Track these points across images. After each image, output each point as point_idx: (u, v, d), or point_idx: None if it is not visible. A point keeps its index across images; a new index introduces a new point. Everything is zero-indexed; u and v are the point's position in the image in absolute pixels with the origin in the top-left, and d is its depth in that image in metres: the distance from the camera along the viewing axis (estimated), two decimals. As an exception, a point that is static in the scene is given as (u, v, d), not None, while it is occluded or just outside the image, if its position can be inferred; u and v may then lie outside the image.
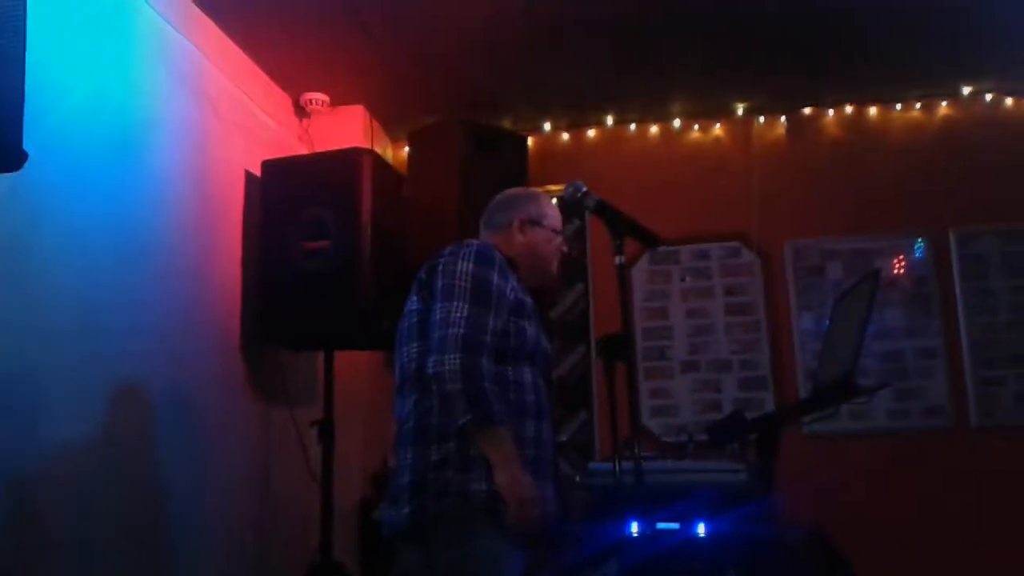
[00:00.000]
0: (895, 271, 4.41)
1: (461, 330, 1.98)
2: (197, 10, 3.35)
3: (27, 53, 1.61)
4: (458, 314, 2.01)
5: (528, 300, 2.21)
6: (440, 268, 2.12)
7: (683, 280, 4.57)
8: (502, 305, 2.10)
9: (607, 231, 2.27)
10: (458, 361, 1.95)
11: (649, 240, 2.26)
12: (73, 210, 2.54)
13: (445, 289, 2.07)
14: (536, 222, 2.36)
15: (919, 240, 4.43)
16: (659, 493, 2.74)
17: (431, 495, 1.99)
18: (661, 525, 2.79)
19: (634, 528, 2.46)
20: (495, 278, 2.11)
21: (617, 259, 2.22)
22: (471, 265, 2.09)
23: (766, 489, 2.68)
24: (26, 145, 1.63)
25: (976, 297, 4.32)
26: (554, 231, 2.39)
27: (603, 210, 2.27)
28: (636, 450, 2.21)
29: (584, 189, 2.30)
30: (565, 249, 2.44)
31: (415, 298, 2.17)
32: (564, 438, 4.38)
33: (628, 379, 2.26)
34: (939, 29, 3.79)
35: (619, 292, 2.21)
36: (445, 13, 3.50)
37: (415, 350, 2.11)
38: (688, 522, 2.80)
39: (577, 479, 3.09)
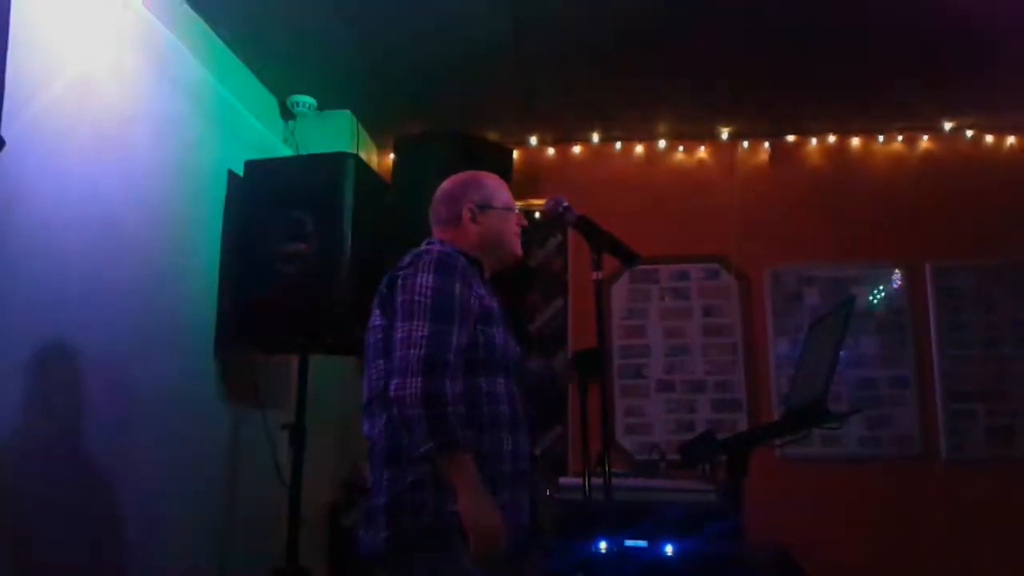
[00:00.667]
0: (871, 300, 4.46)
1: (422, 351, 1.92)
2: (186, 6, 3.34)
3: (9, 41, 1.60)
4: (419, 333, 1.94)
5: (495, 306, 2.15)
6: (400, 282, 2.05)
7: (662, 299, 4.59)
8: (466, 317, 2.03)
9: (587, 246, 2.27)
10: (419, 385, 1.89)
11: (627, 258, 2.25)
12: (49, 201, 2.51)
13: (405, 306, 2.00)
14: (485, 205, 2.26)
15: (895, 271, 4.47)
16: (628, 511, 2.74)
17: (408, 517, 1.94)
18: (629, 543, 2.79)
19: (602, 546, 2.46)
20: (457, 288, 2.03)
21: (595, 275, 2.21)
22: (431, 277, 2.01)
23: (734, 509, 2.69)
24: (4, 133, 1.62)
25: (949, 330, 4.37)
26: (506, 208, 2.28)
27: (583, 225, 2.27)
28: (607, 467, 2.19)
29: (565, 204, 2.29)
30: (525, 223, 2.33)
31: (378, 312, 2.11)
32: (537, 452, 4.36)
33: (601, 396, 2.23)
34: (923, 64, 3.85)
35: (595, 308, 2.21)
36: (436, 24, 3.51)
37: (383, 368, 2.04)
38: (656, 540, 2.80)
39: (548, 493, 3.08)
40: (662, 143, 4.72)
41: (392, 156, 4.46)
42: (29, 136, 2.37)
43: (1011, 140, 4.54)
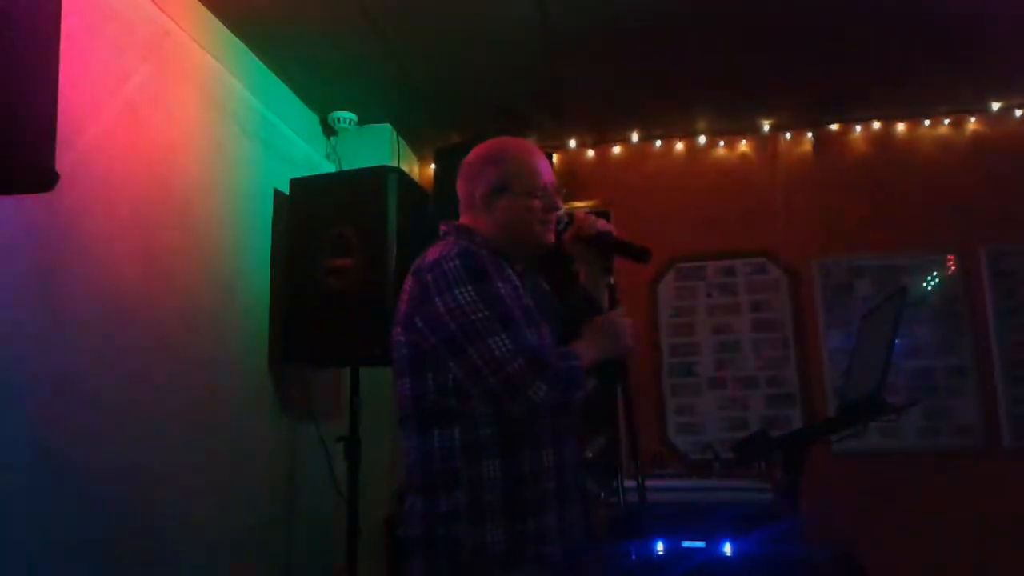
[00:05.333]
0: (925, 288, 4.37)
1: (521, 361, 1.72)
2: (226, 31, 3.41)
3: (59, 74, 1.64)
4: (503, 350, 1.73)
5: (531, 303, 1.91)
6: (439, 311, 1.79)
7: (709, 296, 4.55)
8: (529, 316, 1.83)
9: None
10: (544, 393, 1.71)
11: (638, 256, 2.00)
12: (102, 231, 2.58)
13: (467, 332, 1.76)
14: (502, 189, 1.96)
15: (948, 257, 4.38)
16: (684, 511, 2.73)
17: (445, 553, 1.77)
18: (687, 544, 2.77)
19: (659, 547, 2.45)
20: (501, 288, 1.81)
21: (609, 279, 2.03)
22: (471, 288, 1.78)
23: (792, 508, 2.66)
24: (58, 166, 1.66)
25: (1007, 315, 4.27)
26: (527, 193, 1.96)
27: (589, 240, 2.03)
28: (638, 469, 2.05)
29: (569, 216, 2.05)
30: (560, 206, 2.01)
31: (399, 329, 1.89)
32: (589, 454, 4.36)
33: (625, 402, 2.12)
34: (967, 45, 3.76)
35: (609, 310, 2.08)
36: (470, 31, 3.53)
37: (408, 386, 1.86)
38: (714, 541, 2.78)
39: (602, 496, 3.07)
40: (702, 139, 4.69)
41: (433, 166, 4.49)
42: (80, 168, 2.44)
43: (1063, 118, 4.43)
